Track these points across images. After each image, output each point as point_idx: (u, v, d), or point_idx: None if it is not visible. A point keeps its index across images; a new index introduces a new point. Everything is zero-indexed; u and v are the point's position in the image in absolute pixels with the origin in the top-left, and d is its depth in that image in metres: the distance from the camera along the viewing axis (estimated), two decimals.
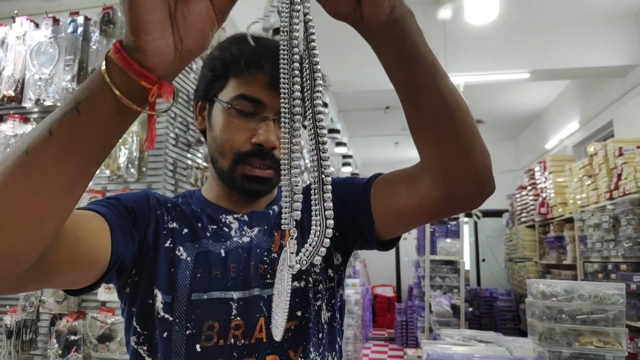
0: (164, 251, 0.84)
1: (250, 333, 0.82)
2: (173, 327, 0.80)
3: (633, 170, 3.77)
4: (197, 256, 0.85)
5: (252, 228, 0.91)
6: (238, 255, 0.87)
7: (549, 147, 8.16)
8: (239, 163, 0.87)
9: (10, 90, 2.27)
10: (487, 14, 4.21)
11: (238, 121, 0.86)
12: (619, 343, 2.04)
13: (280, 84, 0.58)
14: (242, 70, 0.86)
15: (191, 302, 0.81)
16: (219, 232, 0.89)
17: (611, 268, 4.07)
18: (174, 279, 0.82)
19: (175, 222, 0.88)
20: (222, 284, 0.83)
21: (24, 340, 2.09)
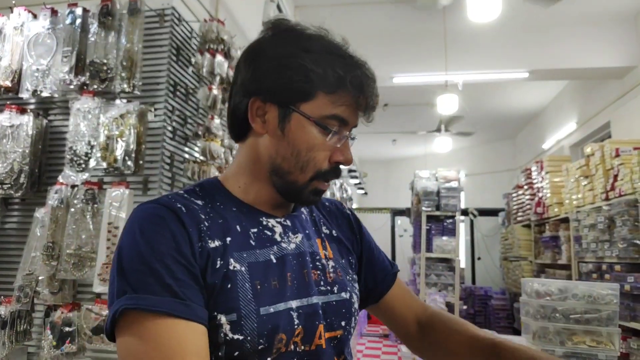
0: (216, 273, 0.77)
1: (309, 339, 0.82)
2: (244, 345, 0.75)
3: (629, 172, 3.78)
4: (250, 266, 0.80)
5: (295, 234, 0.90)
6: (290, 262, 0.85)
7: (546, 147, 8.18)
8: (315, 179, 0.85)
9: (7, 81, 2.26)
10: (490, 12, 4.20)
11: (323, 138, 0.83)
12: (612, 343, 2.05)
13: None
14: (339, 89, 0.82)
15: (261, 317, 0.77)
16: (261, 235, 0.85)
17: (605, 268, 4.09)
18: (235, 295, 0.76)
19: (215, 238, 0.79)
20: (283, 294, 0.81)
21: (18, 331, 2.09)
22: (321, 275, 0.88)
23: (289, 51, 0.82)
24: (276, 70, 0.82)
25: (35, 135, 2.24)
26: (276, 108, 0.84)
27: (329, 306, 0.86)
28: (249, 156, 0.88)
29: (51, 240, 2.06)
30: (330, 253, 0.94)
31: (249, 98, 0.85)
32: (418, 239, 5.67)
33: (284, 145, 0.84)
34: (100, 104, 2.16)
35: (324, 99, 0.82)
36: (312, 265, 0.88)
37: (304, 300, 0.83)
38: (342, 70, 0.81)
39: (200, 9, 2.72)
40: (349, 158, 0.86)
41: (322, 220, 1.00)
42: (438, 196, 5.53)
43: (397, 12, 5.66)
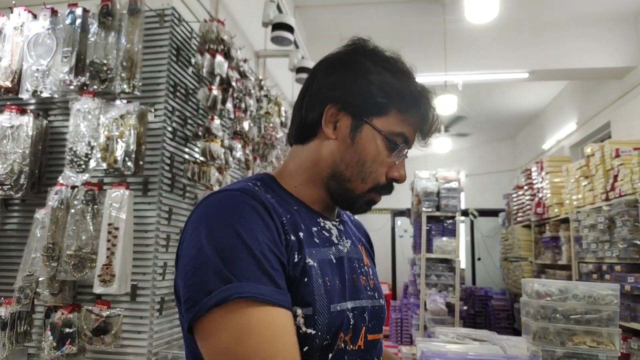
0: (294, 266, 0.79)
1: (355, 339, 0.85)
2: (314, 340, 0.77)
3: (629, 172, 3.78)
4: (319, 263, 0.82)
5: (346, 239, 0.94)
6: (345, 265, 0.89)
7: (546, 147, 8.18)
8: (372, 191, 0.90)
9: (7, 81, 2.26)
10: (488, 13, 4.20)
11: (387, 153, 0.88)
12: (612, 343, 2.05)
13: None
14: (411, 110, 0.88)
15: (331, 314, 0.79)
16: (322, 235, 0.88)
17: (606, 269, 4.08)
18: (311, 290, 0.78)
19: (291, 232, 0.81)
20: (344, 294, 0.85)
21: (18, 332, 2.09)
22: (367, 280, 0.94)
23: (373, 68, 0.87)
24: (358, 83, 0.87)
25: (35, 136, 2.23)
26: (350, 117, 0.88)
27: (373, 310, 0.92)
28: (310, 159, 0.91)
29: (51, 241, 2.06)
30: (368, 261, 1.00)
31: (326, 104, 0.88)
32: (418, 240, 5.67)
33: (350, 153, 0.88)
34: (100, 104, 2.16)
35: (396, 117, 0.87)
36: (360, 271, 0.93)
37: (357, 302, 0.87)
38: (417, 94, 0.88)
39: (200, 10, 2.72)
40: (404, 175, 0.91)
41: (357, 230, 1.06)
42: (438, 197, 5.52)
43: (397, 12, 5.66)
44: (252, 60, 3.79)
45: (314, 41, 6.03)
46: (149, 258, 2.16)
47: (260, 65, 4.13)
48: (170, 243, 2.29)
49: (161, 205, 2.22)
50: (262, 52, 4.05)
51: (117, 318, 2.06)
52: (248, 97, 2.99)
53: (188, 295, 0.72)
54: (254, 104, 3.12)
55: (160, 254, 2.21)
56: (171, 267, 2.30)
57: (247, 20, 3.73)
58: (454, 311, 5.23)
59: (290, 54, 3.84)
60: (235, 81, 2.68)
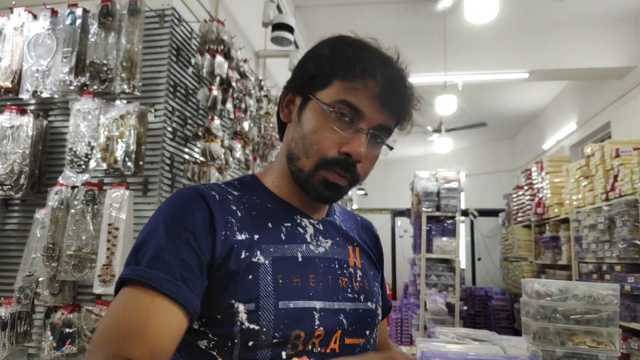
0: (239, 263, 0.79)
1: (327, 342, 0.83)
2: (259, 336, 0.77)
3: (629, 172, 3.78)
4: (275, 260, 0.82)
5: (326, 239, 0.92)
6: (316, 265, 0.87)
7: (546, 147, 8.17)
8: (321, 168, 0.84)
9: (8, 82, 2.26)
10: (487, 13, 4.20)
11: (333, 126, 0.82)
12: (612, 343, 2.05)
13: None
14: (353, 76, 0.82)
15: (279, 311, 0.78)
16: (293, 231, 0.87)
17: (606, 269, 4.08)
18: (256, 286, 0.78)
19: (245, 230, 0.82)
20: (305, 293, 0.82)
21: (18, 332, 2.09)
22: (348, 282, 0.90)
23: (316, 48, 0.89)
24: (302, 64, 0.90)
25: (35, 136, 2.23)
26: (300, 98, 0.89)
27: (355, 313, 0.88)
28: (282, 151, 0.93)
29: (51, 241, 2.06)
30: (360, 263, 0.96)
31: (283, 93, 0.92)
32: (418, 240, 5.67)
33: (298, 130, 0.87)
34: (100, 104, 2.16)
35: (338, 86, 0.83)
36: (340, 272, 0.90)
37: (327, 304, 0.84)
38: (355, 58, 0.83)
39: (200, 10, 2.72)
40: (357, 151, 0.81)
41: (355, 231, 1.03)
42: (438, 197, 5.52)
43: (397, 12, 5.66)
44: (252, 61, 3.79)
45: (314, 41, 5.94)
46: None
47: (260, 66, 4.13)
48: None
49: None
50: (262, 53, 4.05)
51: None
52: (248, 98, 2.99)
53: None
54: (254, 104, 3.12)
55: None
56: None
57: (247, 20, 3.73)
58: (454, 311, 5.23)
59: (290, 54, 3.84)
60: (235, 81, 2.68)
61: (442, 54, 5.60)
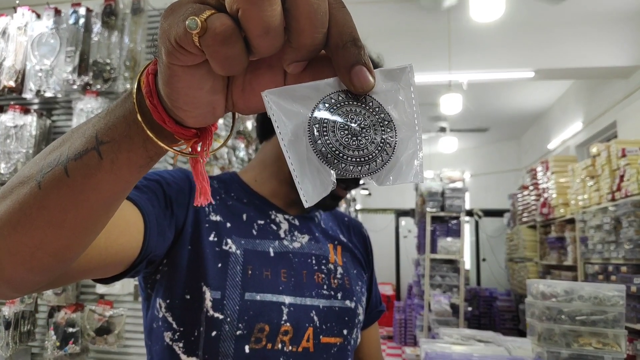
0: (208, 245, 0.80)
1: (298, 340, 0.82)
2: (223, 326, 0.77)
3: (636, 172, 3.75)
4: (246, 252, 0.82)
5: (302, 234, 0.92)
6: (289, 260, 0.86)
7: (551, 147, 8.14)
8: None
9: (11, 81, 2.27)
10: (493, 12, 4.19)
11: None
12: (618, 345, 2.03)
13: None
14: None
15: (244, 302, 0.78)
16: (267, 228, 0.87)
17: (612, 270, 4.06)
18: (224, 274, 0.79)
19: (219, 214, 0.83)
20: (274, 287, 0.82)
21: (21, 332, 2.09)
22: (325, 279, 0.89)
23: None
24: None
25: (38, 136, 2.24)
26: None
27: (330, 311, 0.87)
28: (272, 154, 0.93)
29: None
30: (341, 260, 0.95)
31: None
32: (422, 240, 5.65)
33: None
34: (103, 103, 2.16)
35: None
36: (317, 268, 0.89)
37: (298, 299, 0.83)
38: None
39: None
40: None
41: (338, 230, 1.02)
42: (442, 197, 5.51)
43: (401, 11, 5.65)
44: None
45: None
46: None
47: None
48: None
49: None
50: None
51: (120, 318, 2.06)
52: None
53: None
54: None
55: None
56: None
57: None
58: (459, 312, 5.21)
59: None
60: None
61: (446, 53, 5.58)
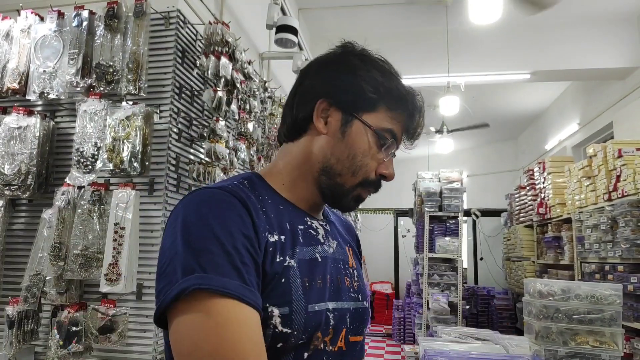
0: (273, 265, 0.79)
1: (335, 341, 0.85)
2: (289, 339, 0.77)
3: (632, 172, 3.79)
4: (300, 263, 0.83)
5: (333, 239, 0.95)
6: (329, 265, 0.89)
7: (548, 147, 8.18)
8: (360, 186, 0.91)
9: (15, 83, 2.29)
10: (491, 14, 4.21)
11: (376, 149, 0.89)
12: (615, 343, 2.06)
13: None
14: (401, 109, 0.90)
15: (308, 314, 0.80)
16: (307, 234, 0.89)
17: (608, 269, 4.09)
18: (288, 290, 0.79)
19: (275, 232, 0.81)
20: (323, 294, 0.84)
21: (25, 331, 2.11)
22: (350, 282, 0.93)
23: (362, 66, 0.90)
24: (349, 79, 0.89)
25: (42, 137, 2.26)
26: (340, 113, 0.89)
27: (356, 312, 0.91)
28: (301, 154, 0.92)
29: (58, 240, 2.08)
30: (354, 263, 0.99)
31: (317, 100, 0.90)
32: (421, 240, 5.68)
33: (341, 147, 0.89)
34: (106, 105, 2.18)
35: (384, 114, 0.89)
36: (345, 272, 0.93)
37: (338, 304, 0.87)
38: (405, 93, 0.91)
39: (205, 12, 2.74)
40: (392, 173, 0.92)
41: (344, 232, 1.06)
42: (441, 197, 5.54)
43: (399, 14, 5.67)
44: (256, 62, 3.81)
45: (317, 43, 6.04)
46: (155, 257, 2.18)
47: (264, 67, 4.14)
48: None
49: (167, 205, 2.24)
50: (266, 54, 4.06)
51: (123, 317, 2.08)
52: (252, 99, 3.01)
53: (159, 287, 0.72)
54: (259, 106, 3.13)
55: None
56: None
57: (252, 22, 3.75)
58: (457, 310, 5.24)
59: (294, 56, 3.85)
60: (240, 83, 2.70)
61: (445, 55, 5.61)
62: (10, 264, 2.34)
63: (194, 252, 0.70)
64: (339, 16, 5.84)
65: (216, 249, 0.71)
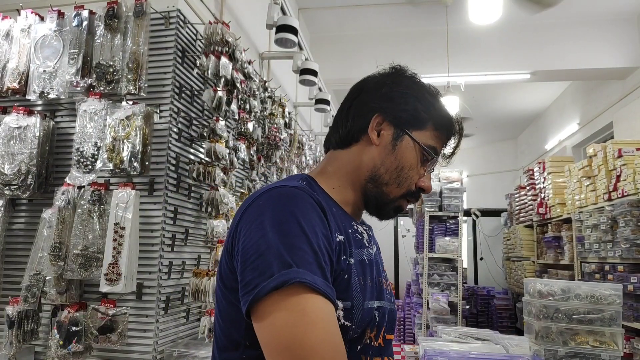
0: (341, 263, 0.85)
1: (377, 337, 0.92)
2: (349, 332, 0.84)
3: (632, 172, 3.79)
4: (356, 262, 0.89)
5: (373, 244, 1.02)
6: (373, 267, 0.95)
7: (548, 147, 8.18)
8: (402, 197, 0.99)
9: (15, 83, 2.28)
10: (491, 14, 4.21)
11: (420, 164, 0.98)
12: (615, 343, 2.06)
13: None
14: (444, 129, 0.99)
15: (364, 310, 0.87)
16: (356, 237, 0.94)
17: (608, 269, 4.09)
18: (350, 286, 0.85)
19: (338, 233, 0.87)
20: (373, 293, 0.91)
21: (25, 331, 2.11)
22: (387, 284, 1.01)
23: (416, 87, 0.99)
24: (405, 98, 0.98)
25: (42, 137, 2.26)
26: (392, 127, 0.97)
27: (391, 312, 0.98)
28: (352, 162, 0.99)
29: (58, 240, 2.08)
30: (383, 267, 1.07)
31: (373, 113, 0.98)
32: (421, 239, 5.68)
33: (390, 159, 0.97)
34: (106, 105, 2.18)
35: (431, 133, 0.98)
36: (382, 275, 1.00)
37: (381, 303, 0.93)
38: (450, 116, 1.01)
39: (205, 12, 2.74)
40: (430, 186, 1.00)
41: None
42: (441, 197, 5.54)
43: (399, 14, 5.68)
44: (256, 62, 3.81)
45: (317, 43, 6.05)
46: (155, 257, 2.19)
47: (264, 67, 4.14)
48: (175, 242, 2.31)
49: (167, 205, 2.24)
50: (266, 54, 4.06)
51: (123, 317, 2.08)
52: (252, 99, 3.01)
53: (249, 278, 0.75)
54: (259, 105, 3.13)
55: (166, 253, 2.23)
56: (177, 266, 2.32)
57: (252, 22, 3.75)
58: (457, 310, 5.24)
59: (294, 56, 3.84)
60: (240, 83, 2.69)
61: (444, 55, 5.61)
62: (10, 264, 2.34)
63: (288, 248, 0.75)
64: (339, 16, 5.84)
65: (306, 247, 0.76)
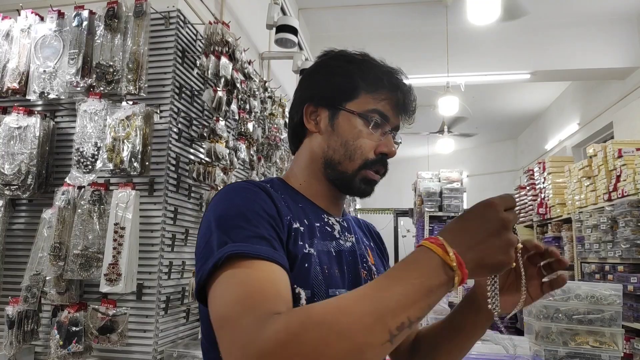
0: (297, 247, 0.86)
1: None
2: None
3: (632, 172, 3.79)
4: (318, 252, 0.89)
5: (350, 234, 1.01)
6: (346, 258, 0.95)
7: (548, 147, 8.18)
8: (363, 169, 0.96)
9: (15, 83, 2.29)
10: (490, 15, 4.21)
11: (366, 129, 0.95)
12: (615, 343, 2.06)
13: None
14: (380, 89, 0.96)
15: (328, 297, 0.85)
16: (324, 229, 0.95)
17: (608, 269, 4.09)
18: (309, 274, 0.85)
19: (296, 221, 0.89)
20: (342, 282, 0.91)
21: (25, 331, 2.11)
22: (368, 275, 0.99)
23: (335, 63, 0.99)
24: (325, 78, 0.99)
25: (42, 137, 2.26)
26: (326, 110, 0.98)
27: None
28: (307, 157, 1.01)
29: (58, 240, 2.08)
30: (373, 260, 1.05)
31: (304, 105, 0.99)
32: (421, 239, 5.67)
33: (334, 139, 0.97)
34: (106, 105, 2.18)
35: (366, 98, 0.96)
36: (361, 266, 0.98)
37: None
38: (381, 73, 0.97)
39: (205, 12, 2.74)
40: (392, 150, 0.97)
41: (363, 234, 1.13)
42: (441, 197, 5.54)
43: (399, 14, 5.67)
44: (256, 62, 3.81)
45: (317, 43, 6.04)
46: (155, 257, 2.19)
47: (264, 67, 4.14)
48: (175, 242, 2.31)
49: (167, 205, 2.24)
50: (266, 54, 4.06)
51: (123, 317, 2.08)
52: (252, 99, 3.01)
53: (197, 268, 0.77)
54: (259, 106, 3.13)
55: (166, 253, 2.23)
56: (177, 266, 2.32)
57: (252, 22, 3.75)
58: None
59: (294, 56, 3.85)
60: (240, 83, 2.69)
61: (444, 56, 5.61)
62: (10, 264, 2.34)
63: (225, 230, 0.76)
64: (339, 16, 5.84)
65: (245, 224, 0.77)
